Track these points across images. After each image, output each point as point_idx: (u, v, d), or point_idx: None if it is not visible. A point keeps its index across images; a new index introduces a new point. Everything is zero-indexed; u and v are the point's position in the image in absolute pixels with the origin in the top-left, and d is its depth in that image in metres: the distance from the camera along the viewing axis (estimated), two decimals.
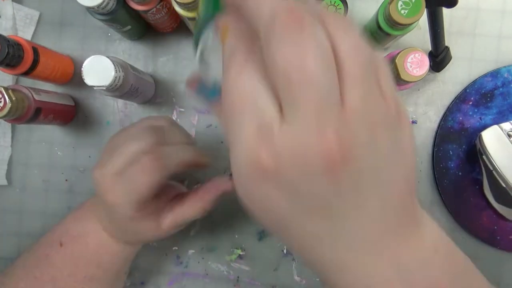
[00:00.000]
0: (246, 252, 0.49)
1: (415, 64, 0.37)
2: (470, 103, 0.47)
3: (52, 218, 0.50)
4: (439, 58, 0.45)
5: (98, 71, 0.37)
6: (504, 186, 0.44)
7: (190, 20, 0.40)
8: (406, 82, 0.38)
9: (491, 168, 0.44)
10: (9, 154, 0.49)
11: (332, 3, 0.36)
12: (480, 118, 0.47)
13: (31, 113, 0.41)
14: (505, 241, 0.47)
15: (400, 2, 0.37)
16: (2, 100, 0.38)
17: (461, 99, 0.47)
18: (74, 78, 0.49)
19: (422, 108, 0.48)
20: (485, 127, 0.45)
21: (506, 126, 0.44)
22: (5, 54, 0.37)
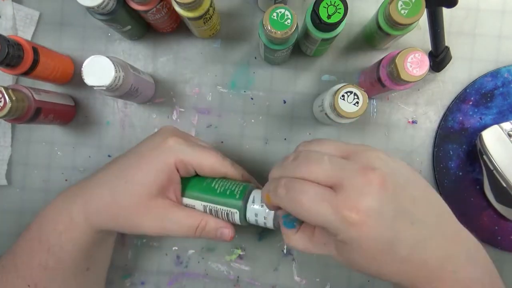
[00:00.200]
0: (246, 252, 0.49)
1: (415, 64, 0.37)
2: (470, 103, 0.47)
3: None
4: (439, 58, 0.45)
5: (98, 71, 0.37)
6: (504, 185, 0.44)
7: (190, 20, 0.40)
8: (406, 82, 0.38)
9: (492, 168, 0.44)
10: (9, 154, 0.49)
11: (332, 3, 0.36)
12: (480, 118, 0.47)
13: (31, 113, 0.41)
14: (506, 241, 0.47)
15: (400, 2, 0.37)
16: (2, 100, 0.38)
17: (461, 99, 0.47)
18: (74, 78, 0.49)
19: (422, 108, 0.48)
20: (485, 127, 0.45)
21: (506, 125, 0.44)
22: (5, 54, 0.37)
